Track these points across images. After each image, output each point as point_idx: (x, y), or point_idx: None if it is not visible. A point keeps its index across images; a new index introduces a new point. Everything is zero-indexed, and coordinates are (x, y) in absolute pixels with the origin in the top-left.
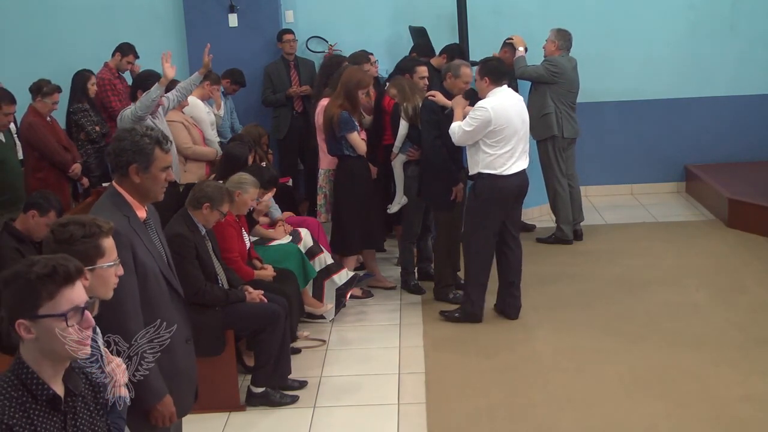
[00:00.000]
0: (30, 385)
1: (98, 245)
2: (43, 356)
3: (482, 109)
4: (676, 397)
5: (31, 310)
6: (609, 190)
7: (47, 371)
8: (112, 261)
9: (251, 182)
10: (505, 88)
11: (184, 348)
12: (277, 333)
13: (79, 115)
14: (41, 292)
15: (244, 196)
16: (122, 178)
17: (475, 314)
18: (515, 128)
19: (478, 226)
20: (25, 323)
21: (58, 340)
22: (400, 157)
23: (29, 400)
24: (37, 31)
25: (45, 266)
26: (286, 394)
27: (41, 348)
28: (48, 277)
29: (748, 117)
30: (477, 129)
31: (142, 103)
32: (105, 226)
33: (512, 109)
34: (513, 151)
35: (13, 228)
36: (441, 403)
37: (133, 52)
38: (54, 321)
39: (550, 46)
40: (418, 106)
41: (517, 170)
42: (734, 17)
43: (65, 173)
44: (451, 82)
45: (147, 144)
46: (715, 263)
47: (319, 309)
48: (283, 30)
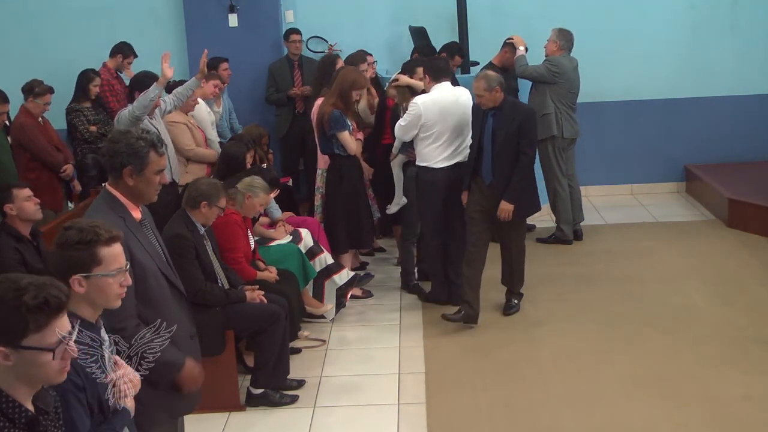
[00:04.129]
0: (6, 410)
1: (94, 253)
2: (18, 381)
3: (414, 104)
4: (676, 397)
5: (15, 339)
6: (609, 190)
7: (22, 393)
8: (112, 271)
9: (262, 187)
10: (445, 84)
11: (189, 344)
12: (277, 334)
13: (72, 115)
14: (29, 323)
15: (254, 200)
16: (116, 179)
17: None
18: (446, 123)
19: (423, 220)
20: (4, 351)
21: (39, 369)
22: (399, 157)
23: (7, 425)
24: (36, 31)
25: (36, 297)
26: (285, 394)
27: (17, 373)
28: (39, 310)
29: (748, 117)
30: (410, 124)
31: (139, 103)
32: (104, 234)
33: (443, 105)
34: (446, 145)
35: (11, 228)
36: (441, 403)
37: (132, 53)
38: (39, 353)
39: (551, 45)
40: None
41: (450, 164)
42: (734, 17)
43: (57, 174)
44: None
45: (142, 147)
46: (715, 263)
47: (319, 309)
48: (290, 29)
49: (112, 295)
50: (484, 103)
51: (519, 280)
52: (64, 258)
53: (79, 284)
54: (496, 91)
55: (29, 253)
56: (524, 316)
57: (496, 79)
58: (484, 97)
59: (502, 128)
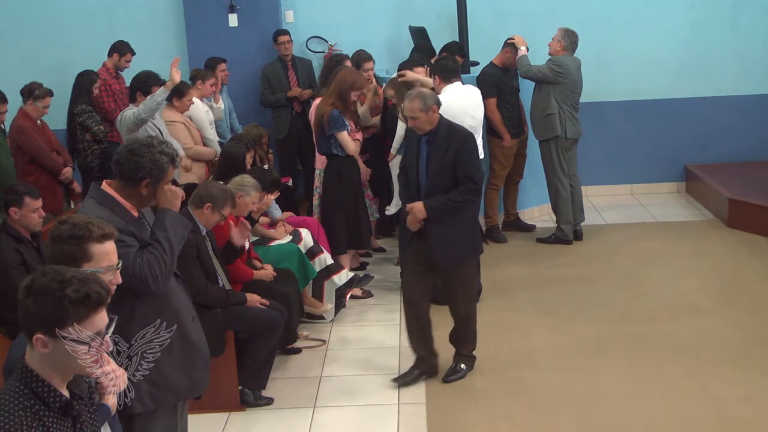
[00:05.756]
0: (41, 394)
1: (84, 249)
2: (52, 368)
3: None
4: (676, 397)
5: (55, 329)
6: (609, 190)
7: (56, 380)
8: (102, 268)
9: (253, 185)
10: (457, 84)
11: (193, 324)
12: (271, 340)
13: (84, 117)
14: (70, 315)
15: (246, 199)
16: (126, 186)
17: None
18: (464, 125)
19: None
20: (43, 338)
21: (74, 359)
22: (398, 158)
23: (42, 409)
24: (36, 31)
25: (78, 291)
26: (262, 396)
27: (53, 361)
28: (80, 303)
29: (748, 117)
30: None
31: (146, 106)
32: (97, 231)
33: (459, 106)
34: None
35: (11, 228)
36: (441, 403)
37: (129, 50)
38: (76, 344)
39: (555, 45)
40: None
41: None
42: (734, 17)
43: (57, 177)
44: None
45: (164, 162)
46: (715, 263)
47: (319, 309)
48: (278, 31)
49: None
50: (419, 126)
51: (469, 342)
52: (54, 251)
53: None
54: (432, 111)
55: (29, 253)
56: (524, 316)
57: (432, 97)
58: (419, 119)
59: (436, 156)
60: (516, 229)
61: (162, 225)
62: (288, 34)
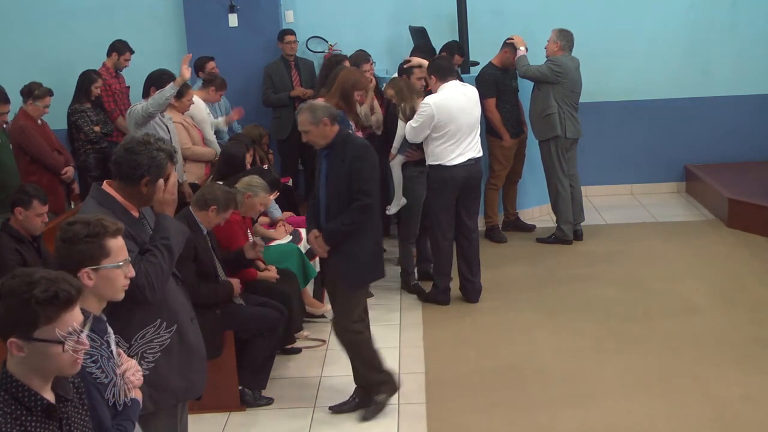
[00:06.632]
0: (22, 399)
1: (102, 245)
2: (31, 371)
3: (425, 105)
4: (676, 397)
5: (27, 331)
6: (609, 190)
7: (36, 383)
8: (119, 262)
9: (262, 187)
10: (453, 83)
11: (191, 326)
12: (271, 341)
13: (76, 116)
14: (40, 316)
15: (254, 200)
16: (126, 185)
17: (442, 299)
18: (459, 122)
19: (436, 219)
20: (17, 342)
21: (51, 361)
22: (398, 158)
23: (24, 414)
24: (36, 31)
25: (46, 290)
26: (262, 396)
27: (30, 364)
28: (49, 302)
29: (748, 117)
30: (423, 124)
31: (155, 101)
32: (111, 226)
33: (455, 104)
34: (458, 143)
35: (12, 229)
36: (441, 403)
37: (128, 49)
38: (50, 345)
39: (552, 46)
40: (416, 107)
41: (463, 161)
42: (734, 17)
43: (58, 176)
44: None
45: (162, 159)
46: (715, 263)
47: (319, 309)
48: (284, 30)
49: (119, 287)
50: (312, 140)
51: (359, 370)
52: (72, 252)
53: (88, 277)
54: (324, 124)
55: (30, 254)
56: (524, 316)
57: (324, 109)
58: (310, 132)
59: (333, 170)
60: (516, 229)
61: (164, 230)
62: (294, 34)
